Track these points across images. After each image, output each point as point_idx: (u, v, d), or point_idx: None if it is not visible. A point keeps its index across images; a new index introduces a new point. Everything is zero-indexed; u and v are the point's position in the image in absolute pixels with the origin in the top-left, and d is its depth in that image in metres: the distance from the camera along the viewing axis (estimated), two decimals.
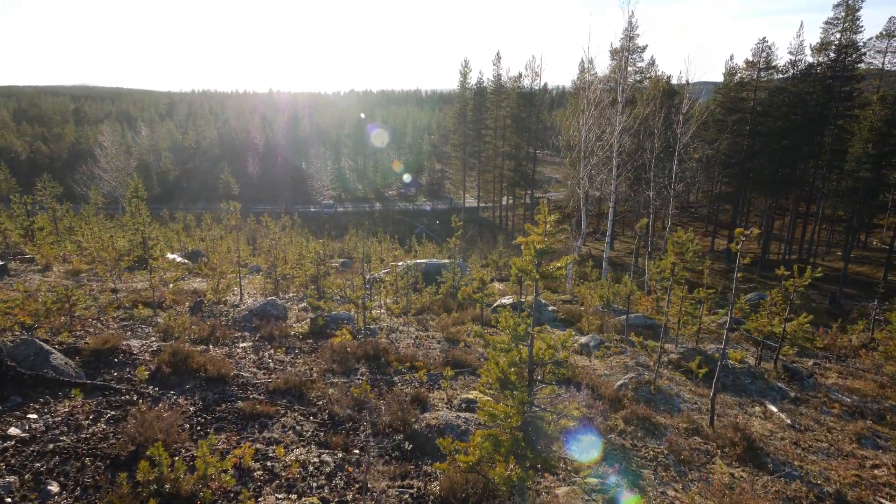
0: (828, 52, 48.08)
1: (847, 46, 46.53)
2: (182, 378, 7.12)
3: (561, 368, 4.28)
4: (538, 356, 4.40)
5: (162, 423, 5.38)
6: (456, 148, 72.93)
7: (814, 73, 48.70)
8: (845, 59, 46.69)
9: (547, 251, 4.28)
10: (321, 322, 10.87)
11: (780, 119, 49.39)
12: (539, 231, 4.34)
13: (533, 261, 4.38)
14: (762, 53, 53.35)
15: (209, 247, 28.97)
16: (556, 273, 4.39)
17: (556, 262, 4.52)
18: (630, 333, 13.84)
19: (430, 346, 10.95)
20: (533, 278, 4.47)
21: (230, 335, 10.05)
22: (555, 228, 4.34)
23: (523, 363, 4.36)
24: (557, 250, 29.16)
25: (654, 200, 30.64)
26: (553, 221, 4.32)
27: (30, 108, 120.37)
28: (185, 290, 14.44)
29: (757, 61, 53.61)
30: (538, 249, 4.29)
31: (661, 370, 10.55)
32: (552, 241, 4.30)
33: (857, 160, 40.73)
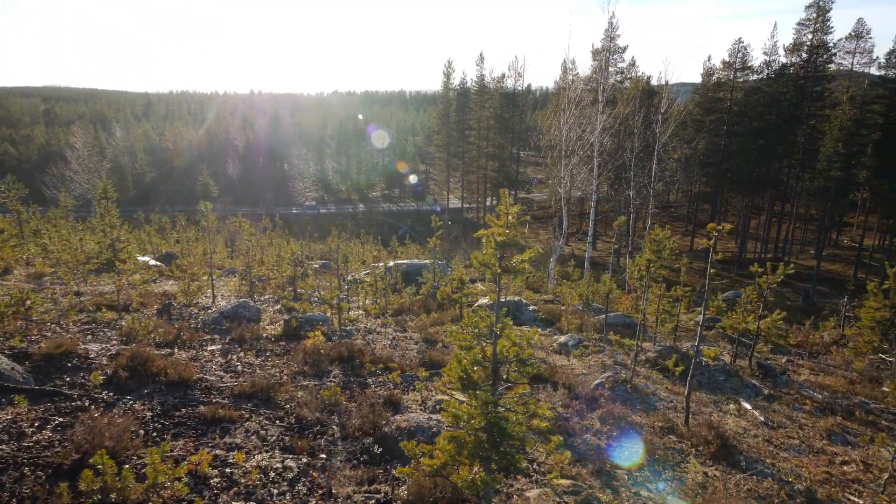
0: (800, 53, 48.92)
1: (818, 47, 47.37)
2: (140, 383, 6.83)
3: (526, 367, 4.13)
4: (502, 354, 4.24)
5: (113, 430, 5.11)
6: (440, 149, 72.81)
7: (787, 74, 49.51)
8: (817, 60, 47.53)
9: (509, 244, 4.12)
10: (295, 324, 10.61)
11: (755, 119, 50.12)
12: (500, 223, 4.18)
13: (495, 254, 4.21)
14: (738, 54, 54.15)
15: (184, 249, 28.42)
16: (520, 267, 4.23)
17: (520, 255, 4.35)
18: (609, 332, 13.79)
19: (407, 347, 10.75)
20: (495, 273, 4.30)
21: (198, 338, 9.74)
22: (518, 220, 4.17)
23: (487, 361, 4.19)
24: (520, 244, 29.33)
25: (634, 200, 30.78)
26: (515, 213, 4.16)
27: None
28: (155, 293, 14.05)
29: (733, 62, 54.38)
30: (499, 242, 4.12)
31: (639, 368, 10.48)
32: (514, 233, 4.13)
33: (828, 159, 41.45)
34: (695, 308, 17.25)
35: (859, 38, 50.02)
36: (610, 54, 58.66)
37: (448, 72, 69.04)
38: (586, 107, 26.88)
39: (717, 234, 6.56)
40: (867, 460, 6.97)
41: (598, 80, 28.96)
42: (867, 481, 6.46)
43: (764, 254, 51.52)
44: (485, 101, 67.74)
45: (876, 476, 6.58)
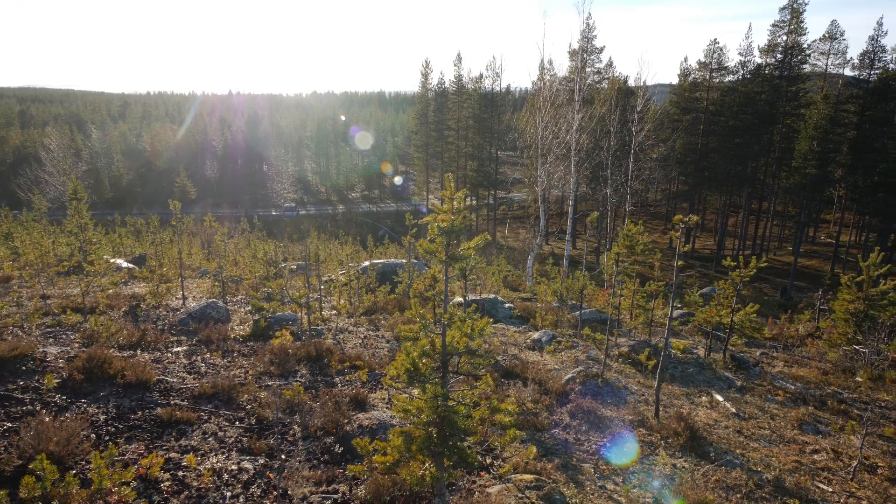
0: (775, 54, 49.68)
1: (793, 47, 48.17)
2: (97, 385, 6.60)
3: (476, 358, 4.02)
4: (452, 345, 4.14)
5: (60, 434, 4.90)
6: (419, 149, 72.64)
7: (762, 74, 50.24)
8: (791, 60, 48.32)
9: (454, 230, 4.00)
10: (264, 324, 10.41)
11: (731, 118, 50.79)
12: (446, 209, 4.06)
13: (440, 241, 4.09)
14: (714, 54, 54.88)
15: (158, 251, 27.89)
16: (466, 254, 4.12)
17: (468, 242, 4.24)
18: (584, 328, 13.80)
19: (377, 345, 10.61)
20: (440, 260, 4.18)
21: (164, 340, 9.50)
22: (463, 205, 4.06)
23: (437, 353, 4.08)
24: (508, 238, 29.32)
25: (611, 198, 30.97)
26: (462, 198, 4.05)
27: None
28: (123, 295, 13.71)
29: (709, 62, 55.11)
30: (443, 228, 4.01)
31: (612, 363, 10.47)
32: (460, 219, 4.02)
33: (804, 157, 42.15)
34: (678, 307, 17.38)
35: (833, 39, 51.03)
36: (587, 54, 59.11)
37: (426, 72, 68.91)
38: (562, 106, 26.98)
39: (684, 226, 6.54)
40: (837, 448, 7.01)
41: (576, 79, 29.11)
42: (837, 469, 6.49)
43: (742, 251, 52.16)
44: (463, 102, 67.72)
45: (845, 464, 6.62)
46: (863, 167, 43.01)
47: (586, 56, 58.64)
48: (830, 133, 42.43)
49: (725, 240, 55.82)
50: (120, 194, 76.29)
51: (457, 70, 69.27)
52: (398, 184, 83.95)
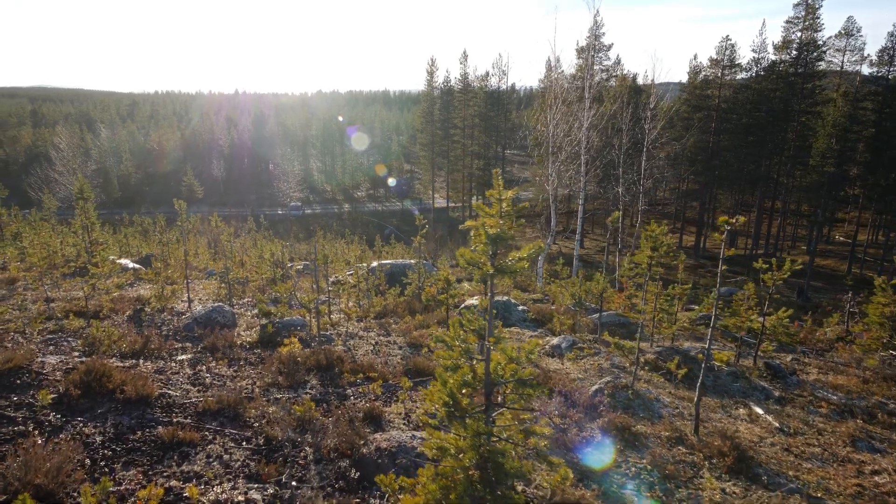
0: (789, 50, 48.83)
1: (808, 44, 47.30)
2: (94, 401, 6.12)
3: (526, 388, 3.49)
4: (497, 373, 3.61)
5: (52, 461, 4.42)
6: (424, 147, 72.06)
7: (777, 71, 49.37)
8: (807, 57, 47.44)
9: (503, 238, 3.48)
10: (271, 329, 9.93)
11: (744, 116, 49.98)
12: (493, 212, 3.53)
13: (486, 250, 3.57)
14: (726, 51, 53.99)
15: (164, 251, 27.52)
16: (517, 266, 3.58)
17: (517, 252, 3.69)
18: (603, 333, 13.24)
19: (390, 352, 10.11)
20: (486, 273, 3.65)
21: (168, 347, 9.03)
22: (512, 208, 3.53)
23: (479, 382, 3.56)
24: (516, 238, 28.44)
25: (623, 196, 30.34)
26: (510, 199, 3.52)
27: None
28: (128, 298, 13.28)
29: (721, 59, 54.23)
30: (492, 235, 3.48)
31: (639, 372, 9.93)
32: (509, 224, 3.50)
33: (822, 155, 41.32)
34: (690, 306, 16.79)
35: (849, 35, 50.07)
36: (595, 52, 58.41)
37: (431, 70, 68.30)
38: (573, 103, 26.40)
39: (730, 227, 6.00)
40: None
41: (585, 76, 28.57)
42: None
43: (755, 250, 51.41)
44: (469, 100, 67.10)
45: None
46: (882, 165, 42.13)
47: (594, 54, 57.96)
48: (849, 131, 41.58)
49: (738, 239, 55.00)
50: (129, 193, 76.26)
51: (463, 68, 68.73)
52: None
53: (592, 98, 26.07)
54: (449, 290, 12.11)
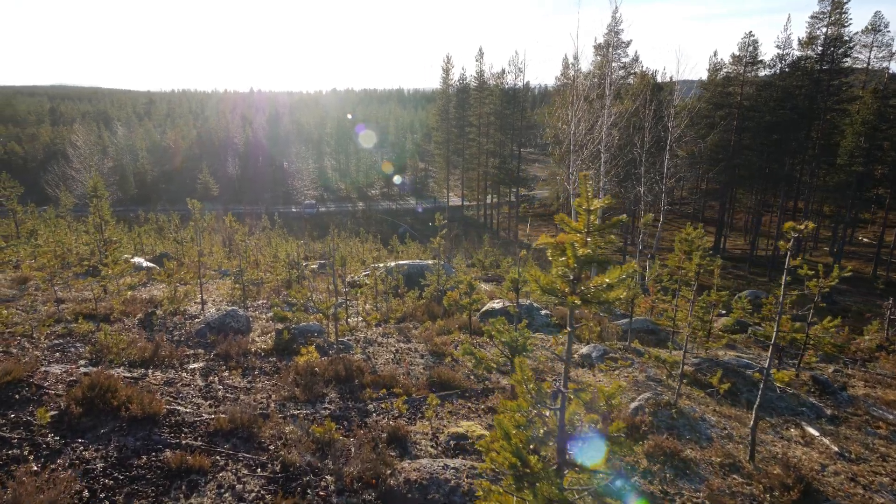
0: (815, 46, 47.55)
1: (835, 39, 46.00)
2: (97, 420, 5.66)
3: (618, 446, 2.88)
4: (572, 424, 3.03)
5: (47, 495, 3.95)
6: (439, 146, 71.48)
7: (802, 67, 48.10)
8: (833, 53, 46.14)
9: (594, 259, 2.78)
10: (287, 336, 9.45)
11: (768, 113, 48.76)
12: (579, 226, 2.84)
13: (569, 273, 2.86)
14: (748, 48, 52.75)
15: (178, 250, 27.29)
16: (609, 296, 2.85)
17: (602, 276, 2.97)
18: (633, 340, 12.61)
19: (412, 361, 9.58)
20: (570, 304, 2.89)
21: (179, 354, 8.59)
22: (603, 221, 2.85)
23: (550, 435, 2.98)
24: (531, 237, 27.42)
25: (645, 196, 29.57)
26: (599, 210, 2.87)
27: (4, 109, 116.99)
28: (140, 300, 12.91)
29: (743, 55, 52.99)
30: (581, 257, 2.76)
31: (673, 383, 9.30)
32: (598, 242, 2.80)
33: (850, 154, 40.10)
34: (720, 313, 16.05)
35: (877, 31, 48.68)
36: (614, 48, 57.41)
37: (447, 67, 67.63)
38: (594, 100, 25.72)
39: (797, 235, 5.37)
40: None
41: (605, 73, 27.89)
42: None
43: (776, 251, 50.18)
44: (485, 98, 66.35)
45: None
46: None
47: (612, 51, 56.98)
48: (878, 129, 40.31)
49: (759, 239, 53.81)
50: (145, 191, 76.69)
51: (478, 65, 67.97)
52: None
53: (613, 95, 25.39)
54: (471, 294, 11.56)
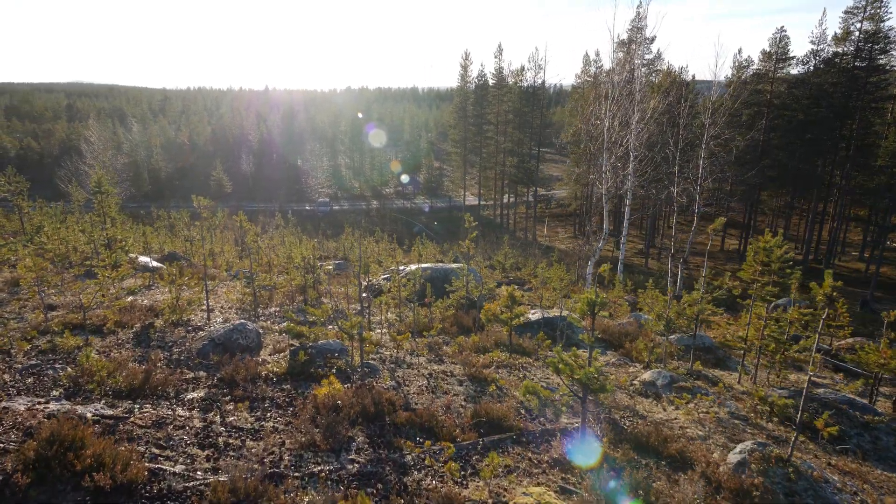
0: (848, 43, 45.46)
1: (873, 35, 43.84)
2: (52, 493, 4.27)
3: None
4: None
5: None
6: (456, 144, 69.96)
7: (838, 64, 45.99)
8: (872, 49, 43.99)
9: None
10: (303, 357, 8.04)
11: (801, 112, 46.69)
12: None
13: None
14: (780, 43, 50.66)
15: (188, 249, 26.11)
16: None
17: None
18: (695, 362, 11.07)
19: (450, 389, 8.13)
20: None
21: (175, 380, 7.22)
22: None
23: None
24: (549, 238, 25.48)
25: (679, 196, 27.87)
26: None
27: (22, 105, 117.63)
28: (139, 307, 11.60)
29: (774, 52, 50.90)
30: None
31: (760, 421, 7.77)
32: None
33: (891, 155, 38.03)
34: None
35: None
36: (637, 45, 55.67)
37: (465, 64, 66.07)
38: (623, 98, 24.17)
39: None
40: None
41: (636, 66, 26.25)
42: None
43: (807, 255, 48.13)
44: (503, 95, 64.68)
45: None
46: None
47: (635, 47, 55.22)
48: None
49: None
50: (159, 187, 76.09)
51: (497, 62, 66.32)
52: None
53: (643, 91, 23.89)
54: (513, 307, 10.09)
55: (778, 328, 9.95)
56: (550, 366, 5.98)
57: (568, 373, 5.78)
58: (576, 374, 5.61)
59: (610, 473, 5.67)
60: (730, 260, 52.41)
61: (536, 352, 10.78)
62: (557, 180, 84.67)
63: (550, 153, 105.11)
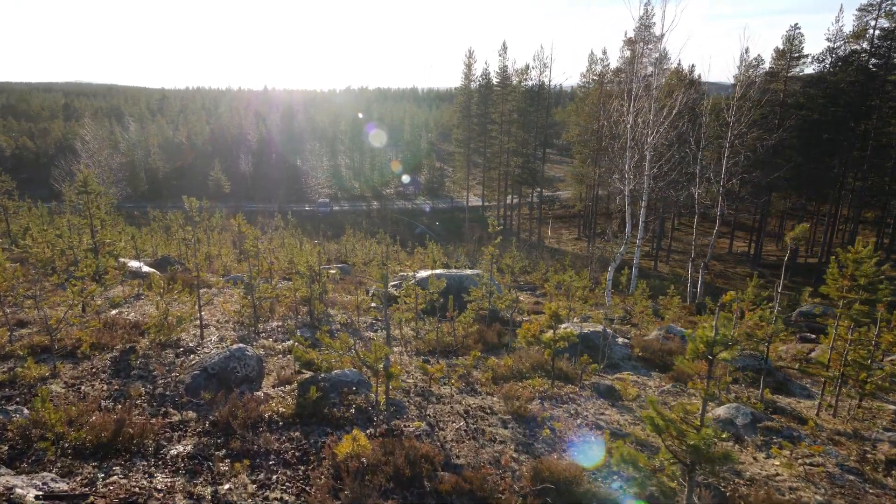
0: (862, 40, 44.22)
1: (891, 32, 42.52)
2: None
3: None
4: None
5: None
6: (460, 143, 68.45)
7: (855, 62, 44.66)
8: (891, 46, 42.68)
9: None
10: (315, 395, 6.58)
11: (815, 112, 45.32)
12: None
13: None
14: (794, 40, 49.28)
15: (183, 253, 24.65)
16: None
17: None
18: (764, 389, 9.60)
19: (493, 432, 6.65)
20: None
21: (155, 427, 5.76)
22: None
23: None
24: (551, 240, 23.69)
25: (702, 198, 26.48)
26: None
27: (19, 104, 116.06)
28: (122, 324, 10.12)
29: (788, 49, 49.51)
30: None
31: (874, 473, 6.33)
32: None
33: None
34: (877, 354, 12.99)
35: None
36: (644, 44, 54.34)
37: (469, 62, 64.62)
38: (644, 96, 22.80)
39: None
40: None
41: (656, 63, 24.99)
42: None
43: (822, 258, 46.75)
44: (507, 94, 63.21)
45: None
46: None
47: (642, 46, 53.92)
48: None
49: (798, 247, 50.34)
50: (156, 187, 74.60)
51: (501, 60, 64.85)
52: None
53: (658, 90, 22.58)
54: (557, 327, 8.63)
55: (866, 352, 8.52)
56: (646, 421, 4.53)
57: (674, 435, 4.34)
58: (689, 438, 4.17)
59: None
60: (739, 263, 51.06)
61: (580, 377, 9.32)
62: (560, 181, 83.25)
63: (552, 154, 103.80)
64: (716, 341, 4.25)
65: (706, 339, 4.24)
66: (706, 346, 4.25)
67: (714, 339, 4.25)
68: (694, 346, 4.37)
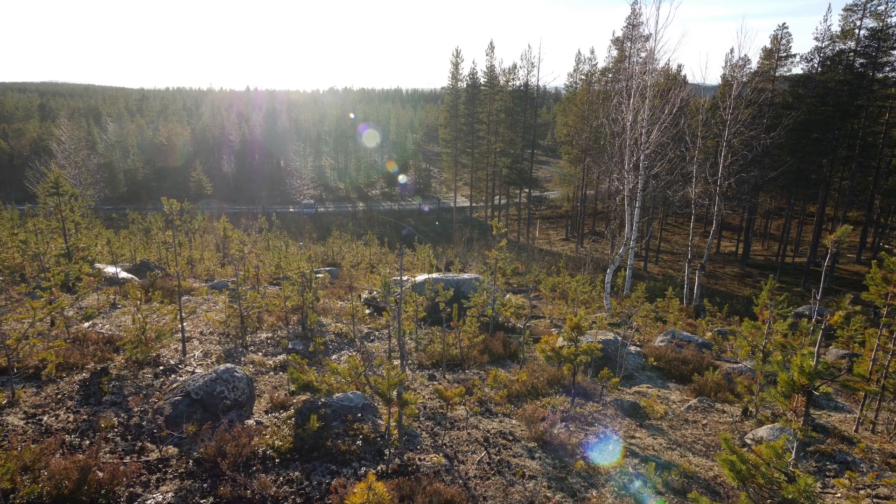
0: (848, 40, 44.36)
1: (881, 30, 42.64)
2: None
3: None
4: None
5: None
6: (447, 143, 67.67)
7: (843, 61, 44.72)
8: (880, 46, 42.78)
9: None
10: (316, 426, 5.71)
11: (804, 111, 45.31)
12: None
13: None
14: (782, 40, 49.28)
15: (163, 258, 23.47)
16: None
17: None
18: None
19: (519, 465, 5.86)
20: None
21: (129, 472, 4.86)
22: None
23: None
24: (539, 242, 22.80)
25: (700, 198, 25.99)
26: None
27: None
28: (94, 339, 9.13)
29: (776, 49, 49.51)
30: None
31: None
32: None
33: None
34: None
35: None
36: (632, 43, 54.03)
37: (456, 61, 63.90)
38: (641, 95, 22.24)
39: None
40: None
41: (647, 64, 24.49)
42: None
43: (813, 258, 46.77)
44: (495, 94, 62.59)
45: None
46: None
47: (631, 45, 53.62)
48: None
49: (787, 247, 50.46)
50: (135, 188, 72.62)
51: (489, 60, 64.27)
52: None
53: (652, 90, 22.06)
54: (579, 341, 7.85)
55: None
56: (725, 466, 3.77)
57: (761, 482, 3.58)
58: (787, 491, 3.40)
59: None
60: (727, 263, 50.93)
61: (601, 393, 8.56)
62: (547, 181, 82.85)
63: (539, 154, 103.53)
64: (818, 373, 3.49)
65: (808, 371, 3.48)
66: (808, 379, 3.48)
67: (815, 370, 3.49)
68: (788, 378, 3.60)
